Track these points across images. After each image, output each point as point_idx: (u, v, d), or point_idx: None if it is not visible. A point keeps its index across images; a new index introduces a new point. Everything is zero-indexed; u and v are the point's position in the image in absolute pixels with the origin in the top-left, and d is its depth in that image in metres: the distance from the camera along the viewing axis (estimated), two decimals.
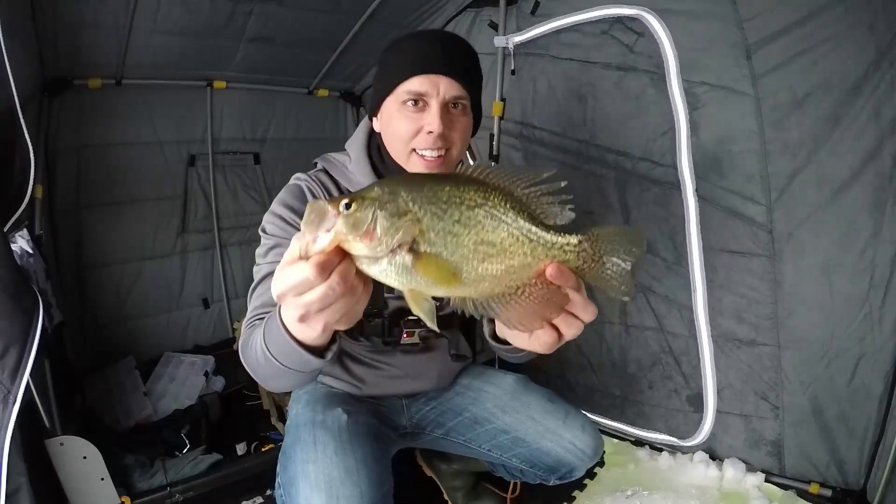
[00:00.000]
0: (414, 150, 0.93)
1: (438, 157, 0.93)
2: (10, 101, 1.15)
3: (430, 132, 0.91)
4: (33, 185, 1.29)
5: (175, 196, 2.27)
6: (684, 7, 1.37)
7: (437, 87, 0.91)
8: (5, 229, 1.21)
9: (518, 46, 1.78)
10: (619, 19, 1.50)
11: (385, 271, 0.49)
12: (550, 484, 1.20)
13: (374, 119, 1.01)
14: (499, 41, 1.81)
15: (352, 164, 1.02)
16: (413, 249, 0.49)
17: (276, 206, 0.97)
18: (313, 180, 1.00)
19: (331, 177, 1.03)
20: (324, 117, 2.66)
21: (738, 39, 1.30)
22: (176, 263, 2.32)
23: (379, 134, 1.01)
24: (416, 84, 0.90)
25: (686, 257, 1.49)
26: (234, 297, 2.50)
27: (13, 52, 1.13)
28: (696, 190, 1.43)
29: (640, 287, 1.63)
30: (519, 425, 1.14)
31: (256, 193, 2.51)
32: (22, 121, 1.18)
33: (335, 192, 1.01)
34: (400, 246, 0.48)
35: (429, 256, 0.49)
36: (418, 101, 0.91)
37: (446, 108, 0.92)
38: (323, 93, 2.54)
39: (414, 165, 0.94)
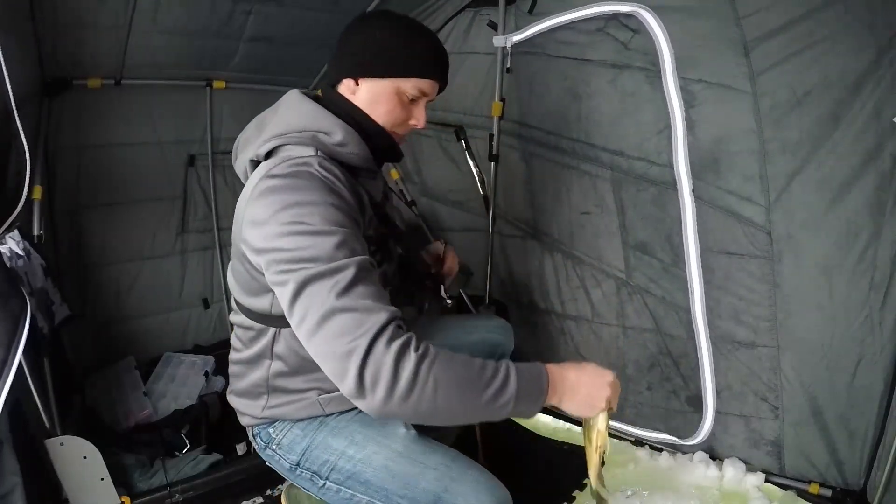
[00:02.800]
0: (393, 130, 0.99)
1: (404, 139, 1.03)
2: (7, 103, 1.15)
3: (415, 125, 1.00)
4: (31, 186, 1.29)
5: (175, 196, 2.27)
6: (681, 3, 1.36)
7: (433, 92, 1.00)
8: (1, 231, 1.21)
9: (515, 45, 1.77)
10: (615, 16, 1.48)
11: None
12: None
13: (347, 82, 0.96)
14: (498, 41, 1.80)
15: (342, 140, 0.92)
16: None
17: (299, 195, 0.80)
18: (316, 162, 0.86)
19: (328, 157, 0.92)
20: None
21: (735, 36, 1.28)
22: (176, 263, 2.32)
23: (343, 99, 0.96)
24: (426, 86, 0.97)
25: (683, 258, 1.48)
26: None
27: (12, 52, 1.13)
28: (693, 190, 1.42)
29: (637, 289, 1.63)
30: None
31: None
32: (18, 122, 1.18)
33: (339, 171, 0.88)
34: None
35: None
36: (417, 98, 0.98)
37: None
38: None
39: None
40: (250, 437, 1.10)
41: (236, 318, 1.04)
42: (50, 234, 1.88)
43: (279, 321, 0.93)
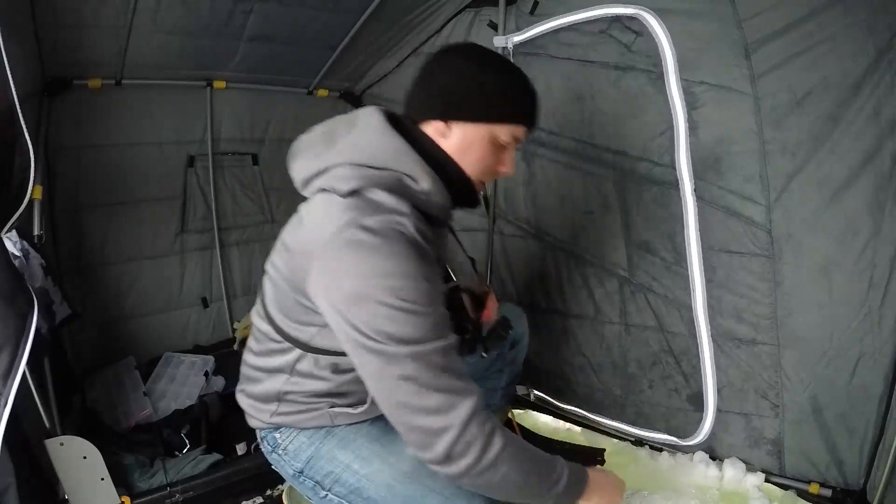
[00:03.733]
0: (479, 179, 0.95)
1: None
2: (10, 102, 1.15)
3: (503, 172, 0.95)
4: (32, 186, 1.29)
5: (174, 196, 2.27)
6: (683, 6, 1.37)
7: (525, 137, 0.95)
8: (4, 231, 1.21)
9: (517, 46, 1.78)
10: (618, 18, 1.50)
11: None
12: None
13: (436, 123, 0.89)
14: (498, 41, 1.81)
15: (427, 190, 0.86)
16: None
17: (396, 264, 0.76)
18: (410, 222, 0.81)
19: (413, 207, 0.85)
20: (323, 117, 2.58)
21: (737, 38, 1.30)
22: (175, 263, 2.32)
23: (433, 143, 0.90)
24: (521, 132, 0.92)
25: (685, 257, 1.49)
26: (233, 296, 2.50)
27: (12, 52, 1.13)
28: (695, 190, 1.43)
29: (639, 287, 1.63)
30: None
31: (254, 194, 2.51)
32: (22, 121, 1.18)
33: (426, 228, 0.85)
34: None
35: None
36: (509, 143, 0.93)
37: None
38: (323, 93, 2.54)
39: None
40: (258, 439, 1.10)
41: (263, 325, 0.99)
42: (50, 234, 1.88)
43: (310, 349, 0.92)
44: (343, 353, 0.84)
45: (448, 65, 0.90)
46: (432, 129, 0.90)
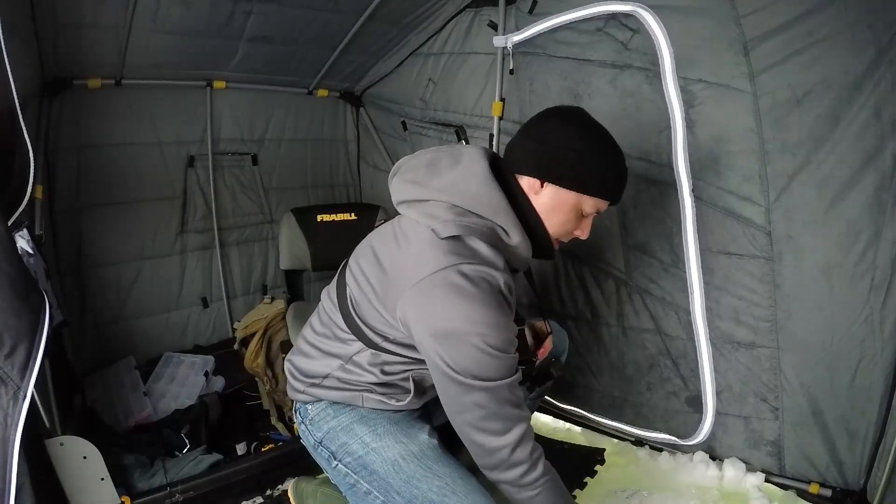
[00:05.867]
0: (557, 238, 1.03)
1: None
2: (11, 101, 1.15)
3: (579, 237, 1.04)
4: (33, 185, 1.29)
5: (174, 196, 2.28)
6: (680, 3, 1.36)
7: (604, 210, 1.02)
8: (10, 228, 1.21)
9: (516, 46, 1.77)
10: (615, 16, 1.49)
11: None
12: None
13: (532, 179, 0.97)
14: (498, 41, 1.81)
15: (517, 244, 0.96)
16: None
17: (486, 313, 0.86)
18: (501, 277, 0.90)
19: (505, 264, 0.94)
20: (323, 117, 2.67)
21: (735, 36, 1.28)
22: (175, 263, 2.33)
23: (525, 197, 0.98)
24: (603, 206, 1.00)
25: (683, 259, 1.48)
26: (233, 296, 2.51)
27: (13, 52, 1.13)
28: (693, 190, 1.42)
29: (637, 289, 1.63)
30: None
31: (254, 194, 2.52)
32: (21, 121, 1.18)
33: (511, 281, 0.94)
34: None
35: None
36: (590, 214, 1.01)
37: None
38: (322, 93, 2.54)
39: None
40: (293, 411, 1.14)
41: (333, 313, 1.06)
42: (50, 234, 1.88)
43: (373, 345, 0.99)
44: (398, 355, 0.98)
45: (556, 128, 0.97)
46: (526, 182, 0.98)
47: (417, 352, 0.95)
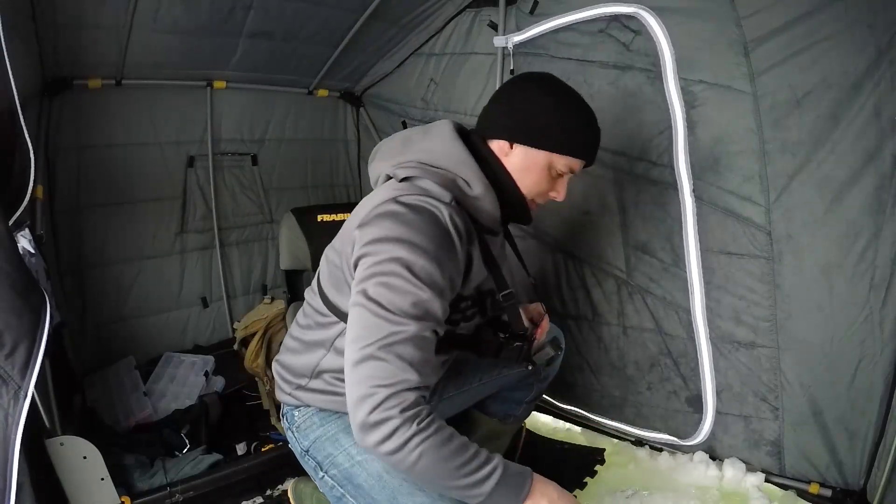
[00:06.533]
0: (532, 199, 1.02)
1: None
2: (11, 101, 1.15)
3: (554, 198, 1.03)
4: (34, 185, 1.29)
5: (174, 196, 2.27)
6: (681, 4, 1.37)
7: (579, 170, 1.02)
8: (11, 227, 1.21)
9: (517, 46, 1.78)
10: (616, 17, 1.49)
11: None
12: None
13: (501, 142, 0.98)
14: (498, 41, 1.81)
15: (478, 195, 0.95)
16: None
17: (413, 235, 0.82)
18: (453, 211, 0.88)
19: (459, 205, 0.93)
20: (323, 117, 2.67)
21: (735, 37, 1.29)
22: (175, 263, 2.33)
23: (494, 158, 0.98)
24: (577, 165, 1.00)
25: (683, 258, 1.48)
26: (233, 296, 2.51)
27: (13, 52, 1.13)
28: (694, 190, 1.42)
29: (638, 288, 1.63)
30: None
31: (254, 194, 2.52)
32: (22, 121, 1.18)
33: (462, 223, 0.90)
34: None
35: None
36: (563, 173, 1.00)
37: None
38: (323, 93, 2.54)
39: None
40: (281, 416, 1.13)
41: (313, 300, 1.06)
42: (50, 234, 1.88)
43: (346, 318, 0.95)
44: None
45: (523, 91, 0.98)
46: (497, 146, 0.99)
47: None
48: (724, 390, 1.51)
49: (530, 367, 1.19)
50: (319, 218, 2.17)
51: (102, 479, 1.35)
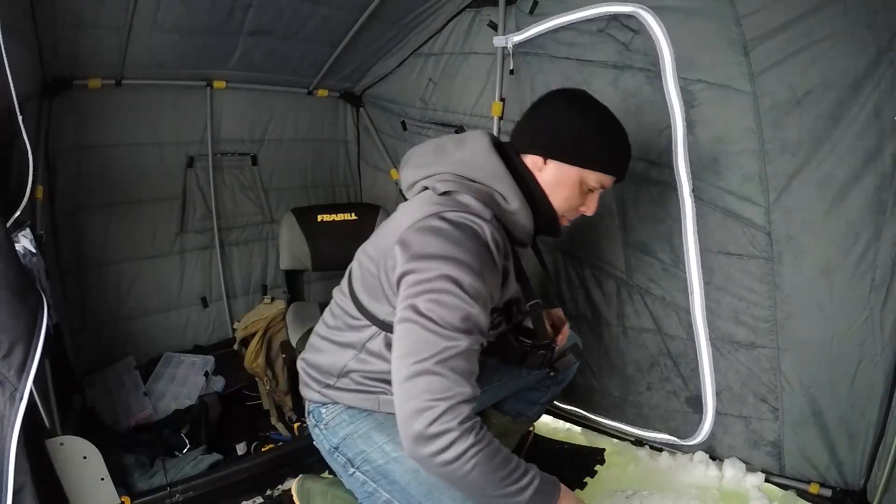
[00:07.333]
0: (563, 214, 1.05)
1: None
2: (10, 102, 1.15)
3: (584, 212, 1.06)
4: (33, 186, 1.29)
5: (174, 196, 2.27)
6: (681, 4, 1.36)
7: (610, 186, 1.05)
8: (10, 228, 1.21)
9: (516, 46, 1.77)
10: (616, 17, 1.49)
11: None
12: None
13: (535, 157, 1.00)
14: (498, 41, 1.81)
15: (515, 210, 0.98)
16: None
17: (459, 252, 0.84)
18: (493, 228, 0.91)
19: (498, 221, 0.96)
20: (323, 117, 2.67)
21: (735, 36, 1.28)
22: (175, 263, 2.33)
23: (528, 173, 1.01)
24: (608, 181, 1.03)
25: (683, 259, 1.48)
26: (233, 296, 2.51)
27: (12, 51, 1.13)
28: (693, 190, 1.42)
29: (638, 289, 1.63)
30: None
31: (254, 194, 2.52)
32: (20, 121, 1.18)
33: (501, 240, 0.94)
34: None
35: None
36: (595, 189, 1.03)
37: None
38: (322, 93, 2.54)
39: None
40: (306, 413, 1.14)
41: (343, 302, 1.06)
42: (50, 234, 1.88)
43: (384, 326, 0.98)
44: None
45: (556, 107, 1.02)
46: (530, 161, 1.02)
47: None
48: (723, 391, 1.51)
49: (552, 374, 1.24)
50: (319, 218, 2.18)
51: (102, 479, 1.35)
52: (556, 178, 1.00)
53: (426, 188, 0.98)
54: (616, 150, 1.02)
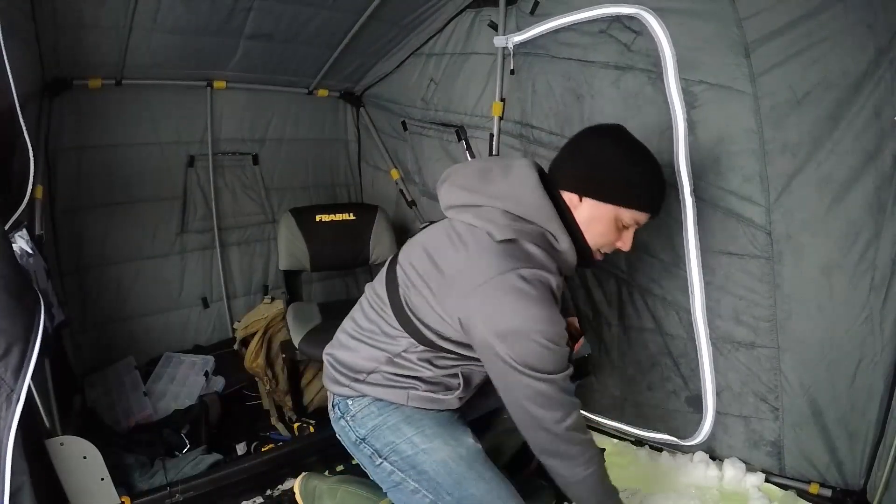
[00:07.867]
0: (597, 249, 1.08)
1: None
2: (11, 101, 1.15)
3: (620, 248, 1.09)
4: (33, 186, 1.29)
5: (174, 196, 2.27)
6: (682, 5, 1.36)
7: (645, 222, 1.07)
8: (8, 229, 1.21)
9: (517, 46, 1.77)
10: (618, 18, 1.49)
11: None
12: None
13: (570, 194, 1.03)
14: (498, 41, 1.81)
15: (565, 249, 1.03)
16: None
17: (544, 312, 0.93)
18: (554, 279, 0.97)
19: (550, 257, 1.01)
20: (323, 117, 2.67)
21: (736, 38, 1.29)
22: (175, 263, 2.33)
23: (568, 209, 1.04)
24: (643, 218, 1.05)
25: (684, 258, 1.48)
26: (233, 296, 2.51)
27: (13, 52, 1.13)
28: (694, 190, 1.42)
29: (638, 288, 1.63)
30: None
31: (255, 194, 2.52)
32: (21, 121, 1.18)
33: (560, 283, 1.01)
34: None
35: None
36: (630, 226, 1.05)
37: None
38: (323, 93, 2.54)
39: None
40: (329, 405, 1.16)
41: (383, 310, 1.08)
42: (50, 234, 1.88)
43: (423, 341, 1.02)
44: (450, 352, 1.02)
45: (591, 145, 1.04)
46: (567, 197, 1.04)
47: (470, 349, 1.00)
48: (723, 390, 1.51)
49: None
50: (318, 218, 2.18)
51: (102, 479, 1.35)
52: (591, 215, 1.03)
53: (474, 225, 0.99)
54: (651, 187, 1.04)
